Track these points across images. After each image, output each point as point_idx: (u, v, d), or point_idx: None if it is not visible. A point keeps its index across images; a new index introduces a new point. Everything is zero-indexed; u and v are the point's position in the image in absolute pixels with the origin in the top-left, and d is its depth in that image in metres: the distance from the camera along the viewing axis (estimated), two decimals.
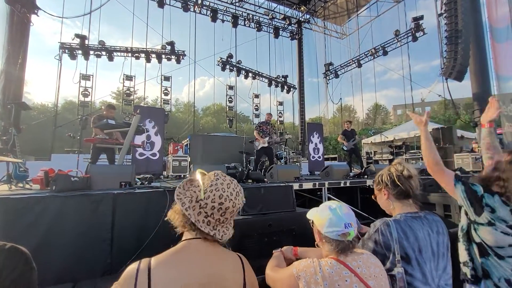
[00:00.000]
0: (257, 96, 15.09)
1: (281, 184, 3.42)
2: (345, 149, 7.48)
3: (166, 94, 12.76)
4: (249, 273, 0.90)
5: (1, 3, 7.01)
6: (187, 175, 5.76)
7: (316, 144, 8.76)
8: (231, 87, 14.38)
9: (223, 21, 13.61)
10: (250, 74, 14.85)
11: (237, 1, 13.33)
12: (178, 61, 12.78)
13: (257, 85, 15.74)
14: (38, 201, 2.22)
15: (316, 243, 1.15)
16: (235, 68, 14.21)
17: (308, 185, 4.00)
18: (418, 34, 12.01)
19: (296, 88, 16.27)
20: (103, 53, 11.62)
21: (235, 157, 7.45)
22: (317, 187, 4.11)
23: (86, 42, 10.85)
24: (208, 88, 56.23)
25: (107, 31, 63.14)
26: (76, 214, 2.30)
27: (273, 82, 15.66)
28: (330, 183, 4.20)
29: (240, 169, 4.32)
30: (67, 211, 2.27)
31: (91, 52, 11.27)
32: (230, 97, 14.30)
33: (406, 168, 1.29)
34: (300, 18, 15.86)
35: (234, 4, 13.37)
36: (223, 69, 13.98)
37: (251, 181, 4.02)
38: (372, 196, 1.46)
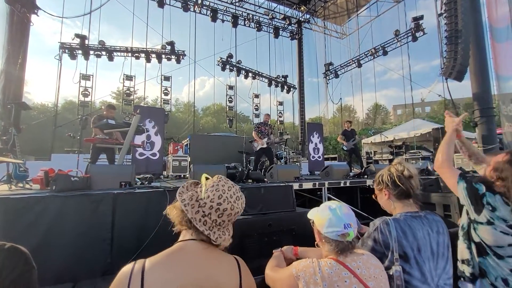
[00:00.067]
0: (257, 96, 15.09)
1: (281, 184, 3.42)
2: (345, 149, 7.48)
3: (166, 94, 12.76)
4: (246, 276, 0.88)
5: (1, 3, 7.00)
6: (187, 175, 5.77)
7: (316, 144, 8.76)
8: (231, 87, 14.37)
9: (223, 21, 13.61)
10: (250, 74, 14.84)
11: (237, 1, 13.32)
12: (178, 61, 12.78)
13: (257, 85, 15.76)
14: (38, 201, 2.22)
15: (316, 243, 1.15)
16: (235, 68, 14.21)
17: (308, 185, 4.00)
18: (418, 34, 12.01)
19: (296, 88, 16.26)
20: (103, 53, 11.61)
21: (235, 157, 7.44)
22: (317, 187, 4.12)
23: (86, 42, 10.85)
24: (208, 88, 56.33)
25: (107, 31, 63.22)
26: (76, 214, 2.31)
27: (273, 82, 15.65)
28: (330, 183, 4.20)
29: (240, 169, 4.31)
30: (67, 211, 2.28)
31: (91, 52, 11.27)
32: (230, 97, 14.30)
33: (406, 168, 1.29)
34: (300, 18, 15.84)
35: (234, 4, 13.37)
36: (223, 69, 13.97)
37: (251, 181, 4.03)
38: (373, 196, 1.46)
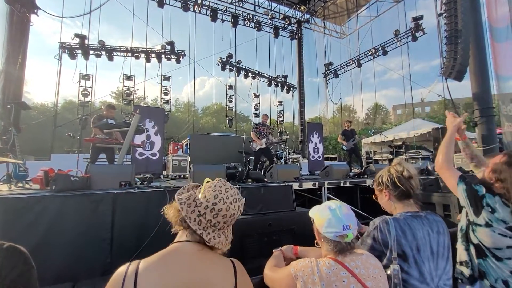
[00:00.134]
0: (257, 96, 15.09)
1: (281, 184, 3.42)
2: (345, 149, 7.48)
3: (166, 94, 12.76)
4: (241, 279, 0.86)
5: (0, 3, 7.00)
6: (187, 175, 5.77)
7: (316, 144, 8.76)
8: (231, 87, 14.37)
9: (223, 21, 13.60)
10: (250, 74, 14.84)
11: (237, 1, 13.32)
12: (178, 61, 12.77)
13: (257, 85, 15.75)
14: (38, 200, 2.22)
15: (315, 241, 1.15)
16: (235, 68, 14.20)
17: (308, 185, 4.00)
18: (418, 34, 12.02)
19: (296, 88, 16.26)
20: (103, 52, 11.61)
21: (235, 157, 7.44)
22: (317, 187, 4.12)
23: (86, 41, 10.85)
24: (208, 88, 56.34)
25: (107, 30, 63.24)
26: (76, 213, 2.30)
27: (273, 82, 15.65)
28: (330, 183, 4.20)
29: (240, 169, 4.31)
30: (67, 211, 2.28)
31: (91, 52, 11.27)
32: (230, 97, 14.30)
33: (405, 169, 1.29)
34: (300, 18, 15.84)
35: (234, 4, 13.36)
36: (223, 69, 13.97)
37: (251, 180, 4.03)
38: (373, 197, 1.46)
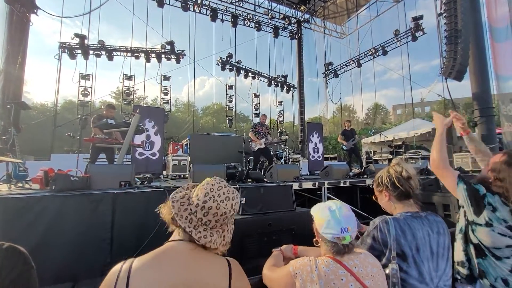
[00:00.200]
0: (256, 96, 15.09)
1: (281, 184, 3.42)
2: (345, 148, 7.49)
3: (166, 93, 12.75)
4: (237, 279, 0.85)
5: (0, 3, 7.00)
6: (187, 175, 5.77)
7: (316, 144, 8.77)
8: (230, 87, 14.37)
9: (222, 20, 13.61)
10: (250, 74, 14.84)
11: (236, 0, 13.32)
12: (178, 61, 12.78)
13: (256, 84, 15.77)
14: (38, 200, 2.22)
15: (314, 240, 1.16)
16: (234, 68, 14.21)
17: (307, 185, 4.00)
18: (417, 34, 12.02)
19: (295, 88, 16.27)
20: (103, 52, 11.61)
21: (235, 157, 7.44)
22: (317, 186, 4.12)
23: (86, 41, 10.85)
24: (208, 87, 56.27)
25: (106, 30, 63.25)
26: (76, 213, 2.31)
27: (272, 81, 15.65)
28: (329, 183, 4.20)
29: (240, 169, 4.32)
30: (67, 211, 2.28)
31: (91, 52, 11.26)
32: (230, 97, 14.30)
33: (404, 169, 1.29)
34: (300, 18, 15.84)
35: (234, 3, 13.36)
36: (223, 68, 13.97)
37: (251, 180, 4.03)
38: (373, 197, 1.46)
